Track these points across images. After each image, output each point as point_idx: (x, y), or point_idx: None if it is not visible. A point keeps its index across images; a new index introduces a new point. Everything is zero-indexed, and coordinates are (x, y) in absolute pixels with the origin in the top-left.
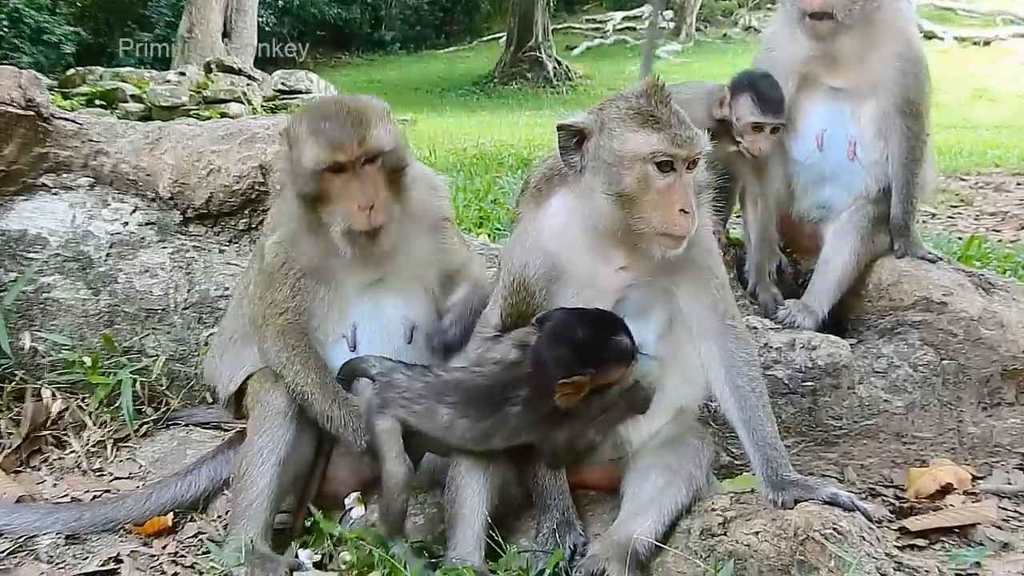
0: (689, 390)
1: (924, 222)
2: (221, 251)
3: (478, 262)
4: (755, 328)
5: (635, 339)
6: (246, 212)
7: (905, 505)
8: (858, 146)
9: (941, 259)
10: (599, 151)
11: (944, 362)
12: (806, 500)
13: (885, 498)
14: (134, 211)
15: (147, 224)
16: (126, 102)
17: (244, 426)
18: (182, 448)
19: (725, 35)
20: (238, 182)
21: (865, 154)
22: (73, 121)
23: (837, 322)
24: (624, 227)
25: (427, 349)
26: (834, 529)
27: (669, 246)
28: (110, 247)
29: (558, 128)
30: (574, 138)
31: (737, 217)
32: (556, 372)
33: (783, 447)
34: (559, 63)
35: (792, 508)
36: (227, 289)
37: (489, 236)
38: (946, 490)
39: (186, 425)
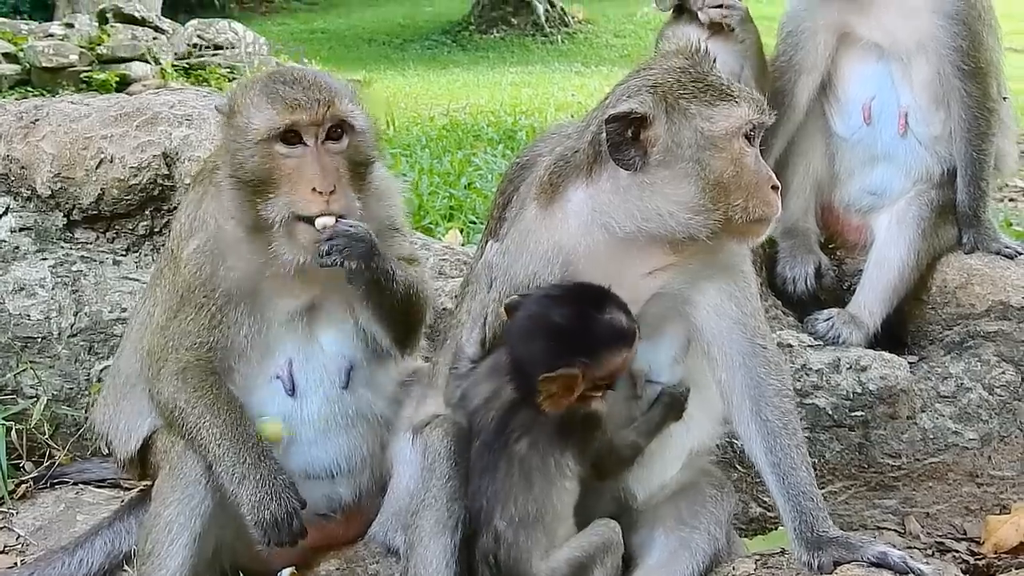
0: (706, 427)
1: (1012, 200)
2: (116, 263)
3: (431, 288)
4: (789, 346)
5: (627, 306)
6: (147, 213)
7: (982, 562)
8: (911, 117)
9: (1021, 253)
10: (676, 138)
11: None
12: (848, 562)
13: (956, 554)
14: (4, 213)
15: (21, 230)
16: None
17: (150, 483)
18: (71, 513)
19: None
20: (136, 175)
21: (921, 127)
22: None
23: (893, 336)
24: (716, 222)
25: (368, 394)
26: None
27: (761, 233)
28: None
29: (609, 120)
30: (630, 128)
31: None
32: (536, 368)
33: (820, 496)
34: (552, 4)
35: (831, 572)
36: (124, 311)
37: (462, 232)
38: None
39: (76, 483)
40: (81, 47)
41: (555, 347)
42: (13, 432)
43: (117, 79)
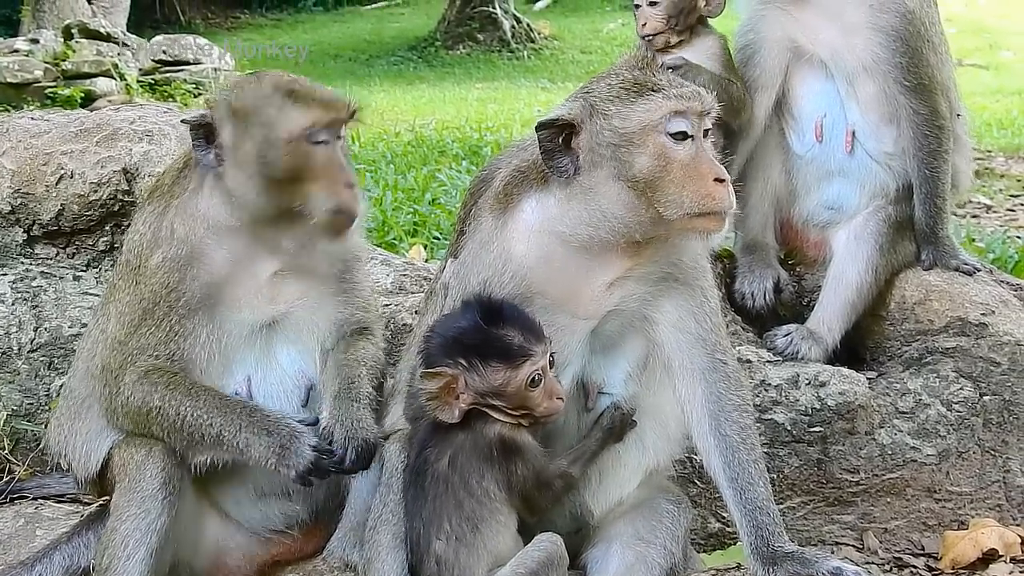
0: (664, 444)
1: (975, 216)
2: (76, 278)
3: (381, 325)
4: (748, 361)
5: (537, 334)
6: (107, 228)
7: None
8: (859, 134)
9: (980, 270)
10: (598, 139)
11: (985, 398)
12: None
13: (914, 569)
14: None
15: None
16: None
17: (109, 499)
18: (30, 528)
19: None
20: (96, 191)
21: (872, 143)
22: None
23: (851, 351)
24: (651, 220)
25: None
26: None
27: (712, 228)
28: None
29: (539, 128)
30: (561, 135)
31: None
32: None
33: (776, 511)
34: (518, 20)
35: None
36: (85, 326)
37: (426, 248)
38: (990, 557)
39: (35, 498)
40: (46, 63)
41: (437, 349)
42: None
43: (82, 95)
